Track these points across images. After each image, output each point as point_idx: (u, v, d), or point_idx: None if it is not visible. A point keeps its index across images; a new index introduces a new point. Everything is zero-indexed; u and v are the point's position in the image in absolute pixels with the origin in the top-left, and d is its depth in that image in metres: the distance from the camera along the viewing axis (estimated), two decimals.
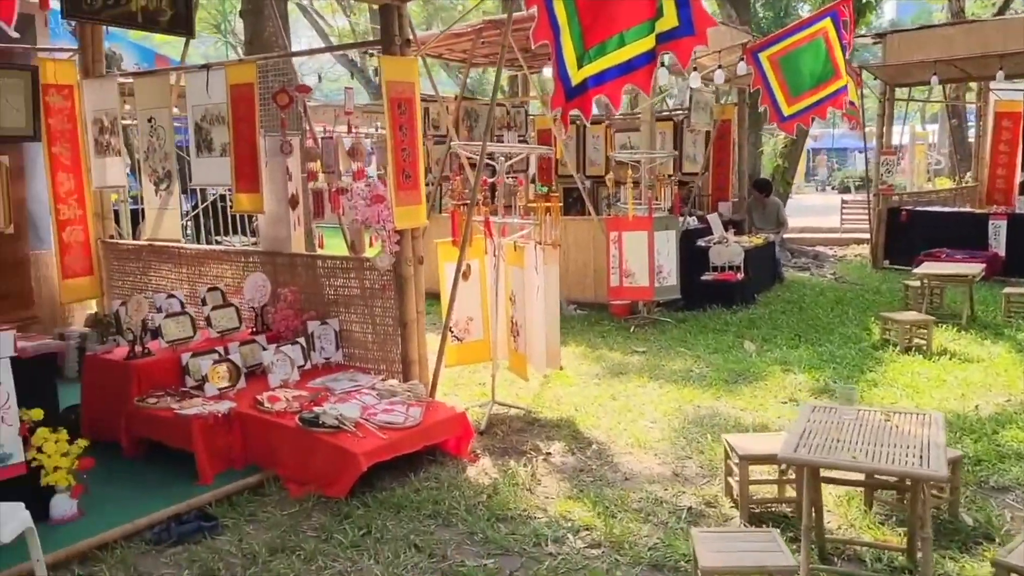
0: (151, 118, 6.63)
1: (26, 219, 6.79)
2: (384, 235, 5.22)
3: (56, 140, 6.77)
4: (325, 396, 4.92)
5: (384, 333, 5.53)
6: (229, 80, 5.94)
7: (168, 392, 5.01)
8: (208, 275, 6.40)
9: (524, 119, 12.19)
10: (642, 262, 8.35)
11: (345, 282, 5.68)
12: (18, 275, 6.75)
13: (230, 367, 5.11)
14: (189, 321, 5.42)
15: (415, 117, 5.32)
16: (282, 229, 6.01)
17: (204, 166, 6.29)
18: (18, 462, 3.94)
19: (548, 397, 6.16)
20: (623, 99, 5.00)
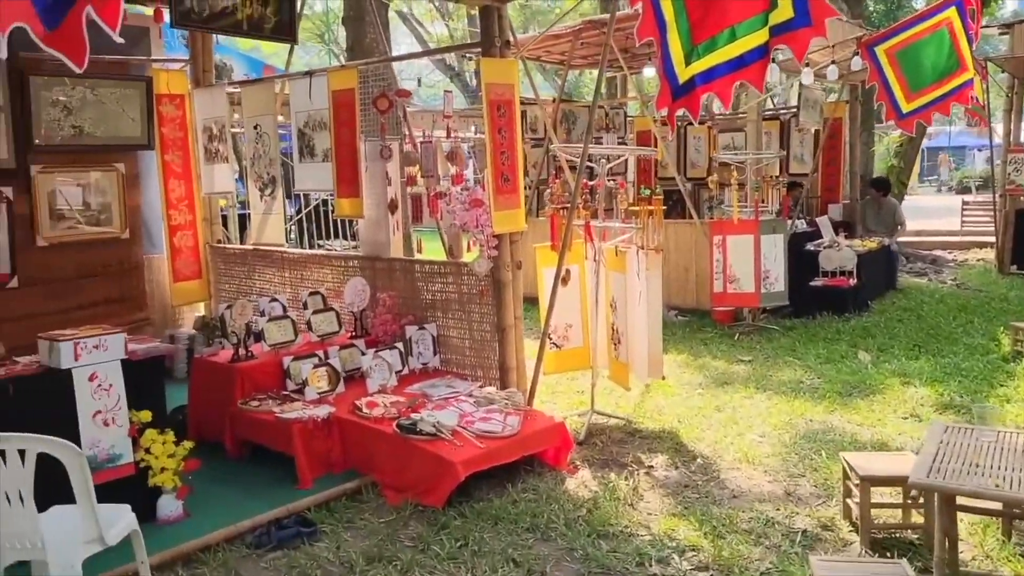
0: (257, 125, 6.76)
1: (140, 224, 7.03)
2: (482, 239, 5.14)
3: (168, 148, 7.00)
4: (423, 402, 4.86)
5: (481, 339, 5.45)
6: (331, 86, 5.98)
7: (270, 395, 5.07)
8: (310, 279, 6.47)
9: (623, 121, 11.97)
10: (747, 267, 8.02)
11: (443, 287, 5.63)
12: (132, 278, 7.00)
13: (329, 371, 5.12)
14: (291, 325, 5.47)
15: (514, 120, 5.22)
16: (381, 233, 6.02)
17: (307, 171, 6.36)
18: (127, 463, 4.04)
19: (649, 407, 5.95)
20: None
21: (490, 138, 5.08)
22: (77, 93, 6.40)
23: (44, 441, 2.70)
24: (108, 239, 6.77)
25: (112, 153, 6.73)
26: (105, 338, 3.95)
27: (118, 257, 6.87)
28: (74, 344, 3.84)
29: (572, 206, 5.32)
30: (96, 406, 3.92)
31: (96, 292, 6.72)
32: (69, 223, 6.51)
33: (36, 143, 6.21)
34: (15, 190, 6.13)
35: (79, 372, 3.86)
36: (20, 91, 6.07)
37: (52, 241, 6.40)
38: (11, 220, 6.12)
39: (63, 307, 6.50)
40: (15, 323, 6.19)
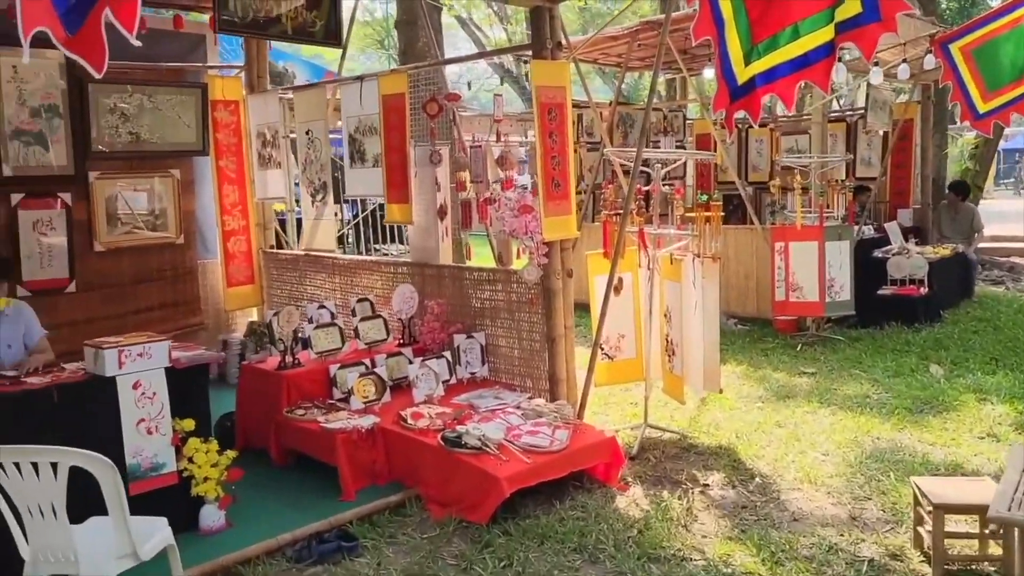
0: (309, 130, 6.74)
1: (195, 229, 7.09)
2: (532, 247, 4.99)
3: (223, 154, 7.04)
4: (469, 414, 4.74)
5: (531, 348, 5.30)
6: (381, 90, 5.92)
7: (316, 404, 5.00)
8: (360, 285, 6.41)
9: (682, 123, 11.70)
10: (811, 275, 7.70)
11: (492, 294, 5.50)
12: (187, 283, 7.05)
13: (376, 380, 5.03)
14: (338, 332, 5.41)
15: (566, 123, 5.06)
16: (430, 240, 5.92)
17: (357, 177, 6.31)
18: (170, 472, 4.01)
19: (705, 421, 5.72)
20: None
21: (541, 142, 4.94)
22: (134, 100, 6.47)
23: (76, 454, 2.65)
24: (163, 244, 6.83)
25: (168, 159, 6.79)
26: (149, 346, 3.92)
27: (173, 262, 6.93)
28: (118, 352, 3.82)
29: (625, 212, 5.14)
30: (140, 414, 3.89)
31: (151, 297, 6.79)
32: (126, 228, 6.58)
33: (94, 150, 6.29)
34: (73, 196, 6.23)
35: (123, 380, 3.84)
36: (80, 98, 6.15)
37: (109, 246, 6.48)
38: (69, 226, 6.21)
39: (119, 311, 6.58)
40: (73, 327, 6.27)
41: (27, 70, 5.90)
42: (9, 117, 5.85)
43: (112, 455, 3.72)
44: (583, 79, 8.52)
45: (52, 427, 3.67)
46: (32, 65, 5.92)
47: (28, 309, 4.40)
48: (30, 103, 5.94)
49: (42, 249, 6.11)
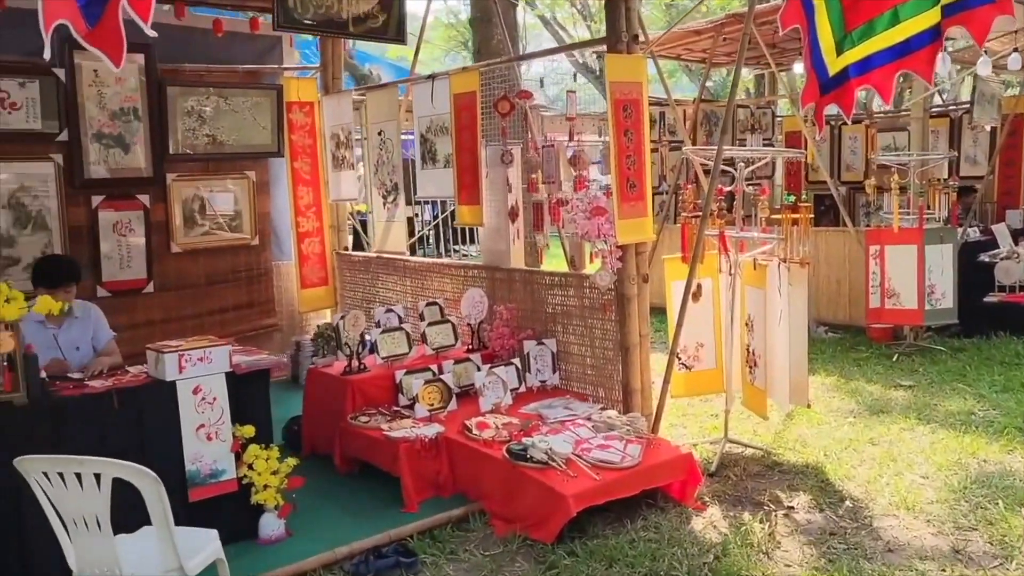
0: (381, 131, 6.66)
1: (269, 231, 7.10)
2: (605, 250, 4.75)
3: (298, 155, 7.04)
4: (536, 426, 4.53)
5: (604, 357, 5.05)
6: (452, 89, 5.78)
7: (380, 410, 4.88)
8: (430, 288, 6.29)
9: (771, 121, 11.21)
10: (909, 280, 7.19)
11: (564, 300, 5.28)
12: (262, 285, 7.07)
13: (441, 387, 4.88)
14: (405, 337, 5.28)
15: (642, 121, 4.80)
16: (501, 242, 5.74)
17: (428, 178, 6.19)
18: (230, 479, 3.93)
19: (791, 437, 5.36)
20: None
21: (615, 140, 4.69)
22: (211, 102, 6.52)
23: (119, 466, 2.56)
24: (239, 246, 6.87)
25: (244, 161, 6.82)
26: (210, 350, 3.85)
27: (248, 263, 6.96)
28: (179, 356, 3.76)
29: (704, 213, 4.84)
30: (199, 419, 3.83)
31: (226, 298, 6.83)
32: (202, 230, 6.63)
33: (172, 152, 6.35)
34: (151, 198, 6.30)
35: (183, 384, 3.78)
36: (158, 101, 6.22)
37: (186, 247, 6.54)
38: (148, 227, 6.29)
39: (195, 312, 6.64)
40: (150, 327, 6.37)
41: (108, 74, 6.00)
42: (90, 120, 5.96)
43: (171, 461, 3.73)
44: (662, 75, 8.20)
45: (112, 432, 3.64)
46: (112, 69, 6.01)
47: (96, 310, 4.42)
48: (110, 106, 6.04)
49: (121, 250, 6.21)
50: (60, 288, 4.10)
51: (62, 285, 4.12)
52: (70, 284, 4.17)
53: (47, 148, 5.81)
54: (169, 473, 3.71)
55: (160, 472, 3.67)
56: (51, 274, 4.14)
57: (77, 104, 5.87)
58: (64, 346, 4.18)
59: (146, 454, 3.70)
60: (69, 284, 4.16)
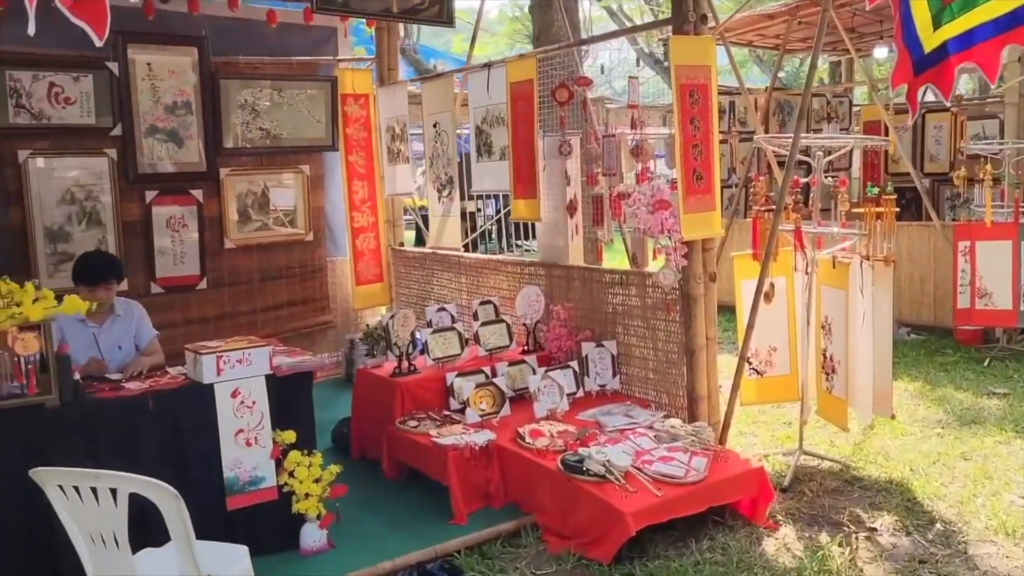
0: (436, 123, 6.44)
1: (324, 226, 6.96)
2: (669, 247, 4.42)
3: (352, 149, 6.87)
4: (593, 435, 4.24)
5: (667, 360, 4.73)
6: (509, 78, 5.52)
7: (430, 414, 4.66)
8: (486, 286, 6.04)
9: (848, 110, 10.63)
10: (1003, 279, 6.65)
11: (625, 299, 4.97)
12: (316, 281, 6.93)
13: (494, 391, 4.63)
14: (457, 337, 5.04)
15: (710, 107, 4.46)
16: (559, 238, 5.46)
17: (484, 170, 5.95)
18: (269, 486, 3.76)
19: (873, 449, 4.94)
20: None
21: (680, 129, 4.36)
22: (264, 95, 6.39)
23: (135, 481, 2.38)
24: (293, 241, 6.74)
25: (298, 155, 6.68)
26: (249, 352, 3.68)
27: (302, 259, 6.83)
28: (216, 358, 3.60)
29: (778, 207, 4.47)
30: (238, 424, 3.66)
31: (280, 294, 6.71)
32: (256, 225, 6.52)
33: (225, 146, 6.25)
34: (205, 193, 6.21)
35: (221, 388, 3.62)
36: (212, 95, 6.11)
37: (239, 243, 6.43)
38: (201, 222, 6.20)
39: (249, 309, 6.54)
40: (204, 324, 6.29)
41: (161, 67, 5.92)
42: (144, 114, 5.88)
43: (209, 467, 3.57)
44: (733, 62, 7.77)
45: (148, 436, 3.49)
46: (165, 62, 5.94)
47: (139, 309, 4.30)
48: (164, 100, 5.96)
49: (175, 246, 6.13)
50: (100, 285, 3.99)
51: (102, 282, 4.00)
52: (111, 281, 4.05)
53: (101, 143, 5.76)
54: (206, 480, 3.59)
55: (197, 479, 3.57)
56: (91, 271, 4.03)
57: (131, 98, 5.80)
58: (105, 345, 4.07)
59: (182, 460, 3.57)
60: (110, 281, 4.05)
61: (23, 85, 5.40)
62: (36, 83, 5.45)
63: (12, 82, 5.36)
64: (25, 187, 5.52)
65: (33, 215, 5.56)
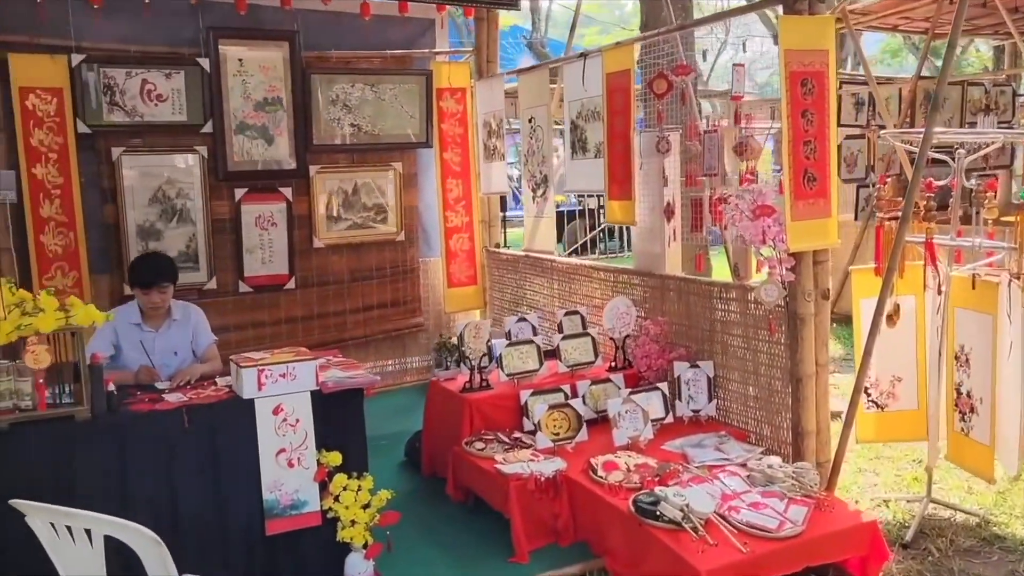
0: (531, 118, 6.06)
1: (416, 226, 6.71)
2: (772, 259, 3.85)
3: (447, 145, 6.59)
4: (675, 471, 3.73)
5: (770, 387, 4.15)
6: (605, 68, 5.06)
7: (499, 436, 4.28)
8: (578, 293, 5.61)
9: (1010, 100, 9.44)
10: None
11: (724, 315, 4.42)
12: (408, 282, 6.70)
13: (570, 413, 4.20)
14: (535, 351, 4.64)
15: (826, 98, 3.85)
16: (655, 244, 4.96)
17: (578, 169, 5.51)
18: (312, 511, 3.49)
19: (1018, 502, 4.18)
20: None
21: (789, 123, 3.78)
22: (356, 90, 6.20)
23: (111, 523, 2.13)
24: (384, 241, 6.52)
25: (390, 152, 6.46)
26: (294, 366, 3.42)
27: (393, 260, 6.60)
28: (258, 371, 3.35)
29: (905, 214, 3.80)
30: (280, 443, 3.41)
31: (370, 296, 6.52)
32: (346, 224, 6.35)
33: (315, 143, 6.10)
34: (294, 191, 6.08)
35: (262, 403, 3.37)
36: (302, 91, 5.97)
37: (328, 243, 6.28)
38: (290, 221, 6.08)
39: (337, 310, 6.38)
40: (292, 325, 6.18)
41: (252, 63, 5.82)
42: (234, 111, 5.80)
43: (247, 488, 3.34)
44: (859, 46, 6.95)
45: (183, 453, 3.29)
46: (257, 58, 5.84)
47: (198, 312, 4.14)
48: (254, 96, 5.86)
49: (263, 244, 6.04)
50: (154, 288, 3.85)
51: (155, 286, 3.86)
52: (164, 284, 3.90)
53: (192, 140, 5.71)
54: (245, 501, 3.37)
55: (235, 500, 3.34)
56: (143, 274, 3.89)
57: (221, 94, 5.73)
58: (161, 351, 3.93)
59: (219, 479, 3.35)
60: (164, 284, 3.89)
61: (117, 82, 5.41)
62: (129, 80, 5.44)
63: (106, 79, 5.38)
64: (119, 184, 5.54)
65: (126, 212, 5.58)
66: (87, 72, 5.31)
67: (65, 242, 5.37)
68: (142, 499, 3.17)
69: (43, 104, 5.24)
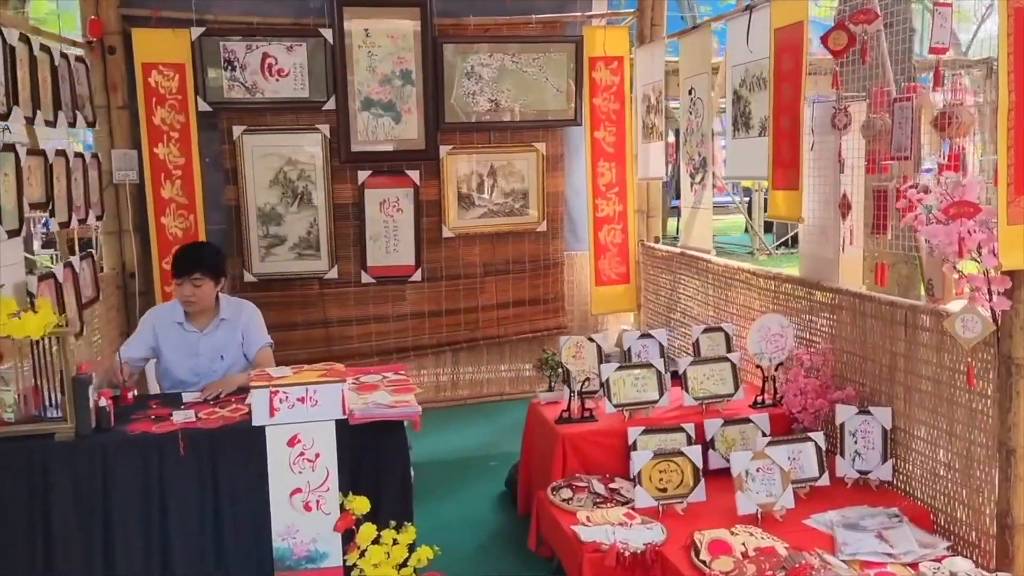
0: (691, 88, 5.08)
1: (562, 215, 5.93)
2: (976, 276, 2.70)
3: (600, 123, 5.76)
4: (807, 569, 2.70)
5: (968, 455, 2.98)
6: (773, 23, 4.00)
7: (594, 483, 3.43)
8: (735, 303, 4.58)
9: None
10: None
11: (910, 347, 3.26)
12: (550, 278, 5.96)
13: (682, 464, 3.27)
14: (654, 378, 3.72)
15: None
16: (827, 247, 3.84)
17: (740, 150, 4.50)
18: (333, 565, 2.88)
19: None
20: None
21: (1007, 85, 2.59)
22: (495, 61, 5.53)
23: None
24: (523, 231, 5.83)
25: (533, 130, 5.73)
26: (315, 388, 2.81)
27: (533, 253, 5.89)
28: (269, 393, 2.78)
29: None
30: (295, 482, 2.82)
31: (506, 292, 5.86)
32: (480, 211, 5.71)
33: (448, 121, 5.50)
34: (423, 173, 5.54)
35: (275, 432, 2.80)
36: (433, 63, 5.39)
37: (460, 232, 5.68)
38: (417, 207, 5.55)
39: (468, 306, 5.82)
40: (418, 321, 5.72)
41: (379, 33, 5.32)
42: (359, 85, 5.34)
43: (254, 532, 2.80)
44: None
45: (177, 486, 2.79)
46: (385, 27, 5.33)
47: (251, 311, 3.64)
48: (381, 69, 5.37)
49: (388, 232, 5.56)
50: (186, 280, 3.38)
51: (187, 276, 3.39)
52: (196, 276, 3.40)
53: (314, 118, 5.33)
54: (251, 550, 2.83)
55: (239, 548, 2.79)
56: (178, 262, 3.43)
57: (345, 68, 5.28)
58: (207, 353, 3.48)
59: (220, 521, 2.83)
60: (197, 276, 3.40)
61: (237, 57, 5.12)
62: (250, 54, 5.14)
63: (227, 54, 5.11)
64: (240, 165, 5.27)
65: (247, 194, 5.31)
66: (208, 46, 5.06)
67: (186, 225, 5.19)
68: (125, 543, 2.71)
69: (165, 81, 5.05)
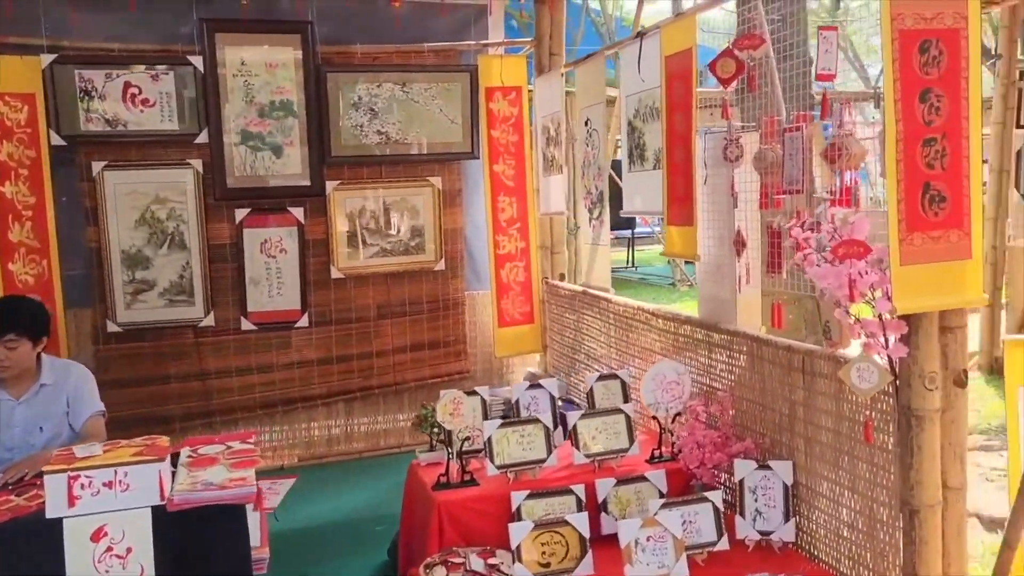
0: (588, 119, 4.83)
1: (461, 253, 5.61)
2: (870, 322, 2.45)
3: (498, 156, 5.45)
4: None
5: (871, 514, 2.72)
6: (664, 49, 3.78)
7: (472, 558, 3.06)
8: (636, 344, 4.29)
9: None
10: None
11: (809, 395, 3.00)
12: (450, 320, 5.62)
13: (567, 535, 2.93)
14: (542, 435, 3.39)
15: (960, 69, 2.41)
16: (723, 287, 3.59)
17: (634, 183, 4.25)
18: None
19: None
20: None
21: (894, 108, 2.37)
22: (384, 91, 5.21)
23: None
24: (419, 270, 5.48)
25: (427, 164, 5.42)
26: (126, 470, 2.39)
27: (432, 293, 5.55)
28: (68, 479, 2.34)
29: None
30: None
31: (402, 336, 5.49)
32: (371, 251, 5.35)
33: (334, 155, 5.15)
34: (307, 211, 5.16)
35: (76, 525, 2.36)
36: (316, 92, 5.04)
37: (349, 272, 5.31)
38: (302, 247, 5.16)
39: (363, 352, 5.42)
40: (306, 369, 5.29)
41: (256, 61, 4.95)
42: (235, 117, 4.95)
43: None
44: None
45: None
46: (262, 54, 4.96)
47: (80, 373, 3.19)
48: (259, 99, 5.00)
49: (270, 274, 5.16)
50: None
51: (0, 336, 2.93)
52: (13, 336, 2.94)
53: (186, 152, 4.92)
54: None
55: None
56: None
57: (219, 98, 4.89)
58: (22, 424, 3.02)
59: None
60: (11, 336, 2.94)
61: (95, 85, 4.69)
62: (110, 83, 4.72)
63: (83, 82, 4.67)
64: (101, 204, 4.82)
65: (109, 236, 4.85)
66: (61, 74, 4.61)
67: (38, 271, 4.69)
68: None
69: (13, 112, 4.58)
